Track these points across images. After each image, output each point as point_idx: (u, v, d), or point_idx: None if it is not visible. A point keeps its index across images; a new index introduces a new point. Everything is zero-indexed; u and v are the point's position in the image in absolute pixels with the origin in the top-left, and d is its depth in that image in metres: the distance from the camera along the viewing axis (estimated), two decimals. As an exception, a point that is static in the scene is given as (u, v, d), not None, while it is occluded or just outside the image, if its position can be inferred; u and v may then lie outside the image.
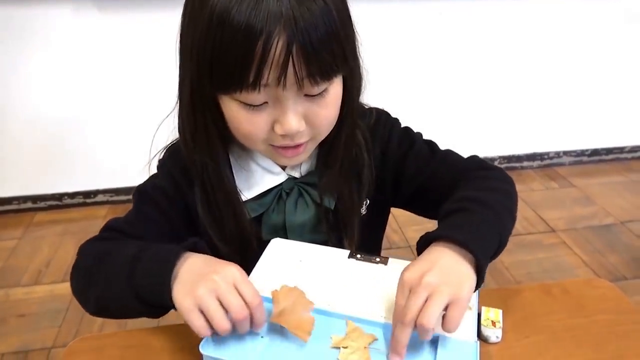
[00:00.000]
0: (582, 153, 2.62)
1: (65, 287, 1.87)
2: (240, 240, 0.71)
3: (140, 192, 0.72)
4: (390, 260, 0.70)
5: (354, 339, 0.58)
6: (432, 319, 0.51)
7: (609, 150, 2.64)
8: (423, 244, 0.62)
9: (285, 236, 0.73)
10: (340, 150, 0.68)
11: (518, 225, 2.14)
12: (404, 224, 2.14)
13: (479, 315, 0.62)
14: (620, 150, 2.65)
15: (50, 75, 2.08)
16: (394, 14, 2.13)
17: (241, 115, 0.58)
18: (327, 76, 0.56)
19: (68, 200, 2.33)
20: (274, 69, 0.53)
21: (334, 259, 0.70)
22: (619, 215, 2.20)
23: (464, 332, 0.59)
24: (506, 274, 1.86)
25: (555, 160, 2.60)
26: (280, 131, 0.58)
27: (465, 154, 0.77)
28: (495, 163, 2.52)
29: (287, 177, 0.71)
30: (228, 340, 0.57)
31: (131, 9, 1.98)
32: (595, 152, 2.63)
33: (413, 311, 0.52)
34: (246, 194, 0.71)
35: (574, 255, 1.96)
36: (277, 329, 0.59)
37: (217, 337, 0.57)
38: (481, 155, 0.79)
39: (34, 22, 1.97)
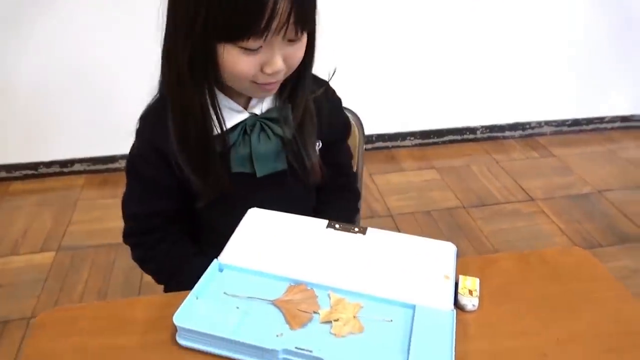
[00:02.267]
0: (562, 123, 2.63)
1: (43, 257, 1.85)
2: (212, 173, 0.77)
3: (129, 170, 0.84)
4: (369, 230, 0.69)
5: (342, 310, 0.58)
6: None
7: (589, 120, 2.66)
8: None
9: (252, 166, 0.79)
10: (305, 90, 0.80)
11: (498, 194, 2.16)
12: (385, 193, 2.14)
13: (456, 283, 0.62)
14: (601, 120, 2.67)
15: (23, 41, 2.00)
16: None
17: (240, 59, 0.68)
18: (309, 26, 0.71)
19: (44, 170, 2.27)
20: (278, 21, 0.64)
21: (311, 229, 0.69)
22: (597, 185, 2.23)
23: (441, 300, 0.59)
24: (485, 243, 1.88)
25: (536, 130, 2.62)
26: (269, 71, 0.69)
27: (449, 124, 0.79)
28: (478, 133, 2.54)
29: (249, 115, 0.79)
30: (202, 311, 0.56)
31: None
32: (575, 122, 2.65)
33: None
34: (215, 130, 0.77)
35: (552, 223, 1.99)
36: (255, 304, 0.58)
37: (191, 309, 0.56)
38: (464, 124, 0.79)
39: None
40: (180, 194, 0.81)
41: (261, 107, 0.81)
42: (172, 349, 0.55)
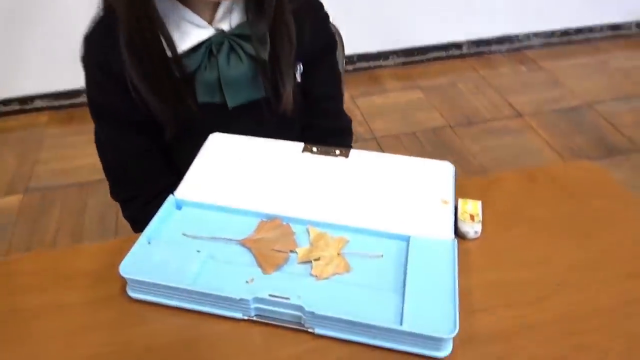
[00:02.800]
0: (551, 34, 2.50)
1: (10, 201, 1.75)
2: (173, 99, 0.66)
3: (90, 110, 0.72)
4: (353, 152, 0.59)
5: (323, 247, 0.49)
6: None
7: (578, 30, 2.54)
8: None
9: (221, 94, 0.67)
10: None
11: (485, 112, 2.07)
12: (369, 116, 2.04)
13: (456, 209, 0.54)
14: (590, 29, 2.54)
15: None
16: None
17: None
18: None
19: (2, 108, 2.12)
20: None
21: (285, 154, 0.59)
22: (586, 97, 2.15)
23: (439, 228, 0.50)
24: (473, 162, 1.81)
25: (525, 43, 2.49)
26: None
27: (433, 40, 0.68)
28: (464, 48, 2.40)
29: (215, 31, 0.67)
30: (156, 257, 0.47)
31: None
32: (565, 32, 2.52)
33: None
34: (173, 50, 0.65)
35: (540, 138, 1.92)
36: (220, 245, 0.49)
37: (142, 256, 0.47)
38: (449, 40, 0.69)
39: None
40: (149, 127, 0.69)
41: (229, 21, 0.67)
42: (123, 303, 0.47)
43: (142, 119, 0.68)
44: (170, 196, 0.53)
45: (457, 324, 0.41)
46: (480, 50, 2.45)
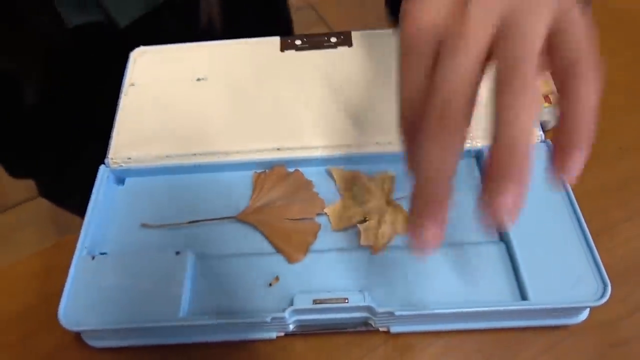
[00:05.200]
0: None
1: None
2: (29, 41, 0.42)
3: None
4: (355, 35, 0.40)
5: (363, 196, 0.32)
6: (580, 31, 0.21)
7: None
8: None
9: (102, 9, 0.41)
10: None
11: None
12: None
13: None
14: None
15: None
16: None
17: None
18: None
19: None
20: None
21: (258, 60, 0.39)
22: None
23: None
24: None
25: None
26: None
27: None
28: None
29: None
30: (107, 279, 0.29)
31: None
32: None
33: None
34: None
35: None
36: (206, 232, 0.31)
37: (84, 281, 0.29)
38: None
39: None
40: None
41: None
42: (83, 355, 0.29)
43: None
44: (102, 167, 0.33)
45: (607, 282, 0.27)
46: None
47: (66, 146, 0.52)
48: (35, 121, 0.49)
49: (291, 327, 0.28)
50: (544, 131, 0.36)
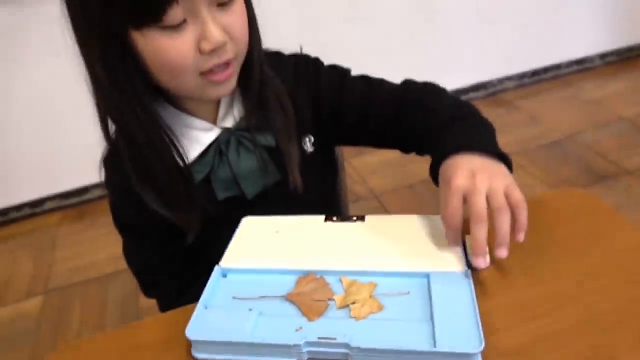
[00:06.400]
0: (523, 76, 2.67)
1: (31, 304, 1.79)
2: (186, 208, 0.69)
3: (115, 223, 0.76)
4: (368, 217, 0.68)
5: (357, 292, 0.56)
6: (518, 196, 0.57)
7: (547, 69, 2.71)
8: (436, 163, 0.65)
9: (239, 188, 0.71)
10: (256, 71, 0.67)
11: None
12: (365, 174, 2.14)
13: (464, 244, 0.61)
14: (558, 67, 2.72)
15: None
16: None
17: (164, 43, 0.56)
18: None
19: (15, 214, 2.20)
20: None
21: (310, 225, 0.68)
22: (566, 130, 2.27)
23: (454, 263, 0.58)
24: (472, 205, 1.89)
25: (499, 87, 2.65)
26: (208, 46, 0.57)
27: None
28: (443, 100, 2.55)
29: (221, 131, 0.70)
30: (214, 319, 0.54)
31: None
32: (535, 73, 2.69)
33: (483, 208, 0.56)
34: (186, 159, 0.68)
35: (532, 175, 2.01)
36: (267, 303, 0.56)
37: (203, 320, 0.54)
38: None
39: None
40: (173, 231, 0.71)
41: (234, 116, 0.70)
42: (191, 365, 0.53)
43: (164, 227, 0.70)
44: (217, 267, 0.61)
45: (482, 341, 0.48)
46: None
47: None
48: (189, 256, 0.77)
49: (305, 356, 0.50)
50: (475, 269, 0.59)
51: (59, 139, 2.09)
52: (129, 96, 0.60)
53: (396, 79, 0.77)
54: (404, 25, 2.33)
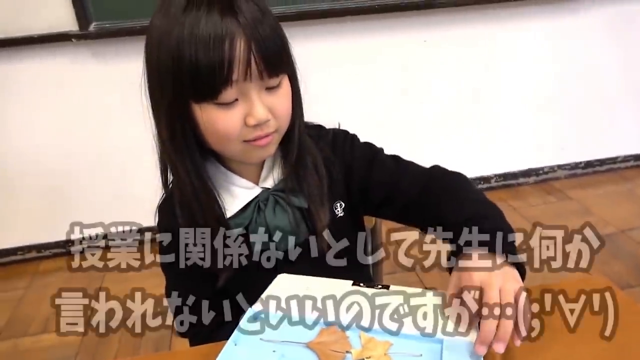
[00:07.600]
0: (576, 166, 2.65)
1: (76, 334, 1.87)
2: (230, 256, 0.75)
3: (161, 263, 0.82)
4: (392, 287, 0.72)
5: (372, 348, 0.60)
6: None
7: (602, 161, 2.68)
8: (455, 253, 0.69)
9: (272, 242, 0.78)
10: (295, 141, 0.76)
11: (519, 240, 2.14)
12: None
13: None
14: (613, 160, 2.69)
15: (47, 122, 2.13)
16: (385, 44, 2.22)
17: (218, 116, 0.67)
18: (279, 68, 0.68)
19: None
20: (241, 65, 0.64)
21: (338, 286, 0.72)
22: (619, 225, 2.21)
23: (467, 332, 0.61)
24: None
25: (550, 175, 2.64)
26: (252, 121, 0.67)
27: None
28: (492, 182, 2.56)
29: (261, 190, 0.78)
30: (241, 356, 0.59)
31: (125, 57, 2.05)
32: (588, 164, 2.66)
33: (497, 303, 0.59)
34: (228, 213, 0.77)
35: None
36: (290, 347, 0.61)
37: (230, 354, 0.59)
38: (477, 174, 0.83)
39: (25, 73, 2.04)
40: (210, 276, 0.78)
41: (273, 178, 0.79)
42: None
43: (199, 271, 0.76)
44: (250, 309, 0.67)
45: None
46: (508, 182, 2.60)
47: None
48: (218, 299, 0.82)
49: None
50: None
51: (124, 181, 2.25)
52: (183, 152, 0.71)
53: (448, 155, 0.83)
54: (459, 108, 2.41)
